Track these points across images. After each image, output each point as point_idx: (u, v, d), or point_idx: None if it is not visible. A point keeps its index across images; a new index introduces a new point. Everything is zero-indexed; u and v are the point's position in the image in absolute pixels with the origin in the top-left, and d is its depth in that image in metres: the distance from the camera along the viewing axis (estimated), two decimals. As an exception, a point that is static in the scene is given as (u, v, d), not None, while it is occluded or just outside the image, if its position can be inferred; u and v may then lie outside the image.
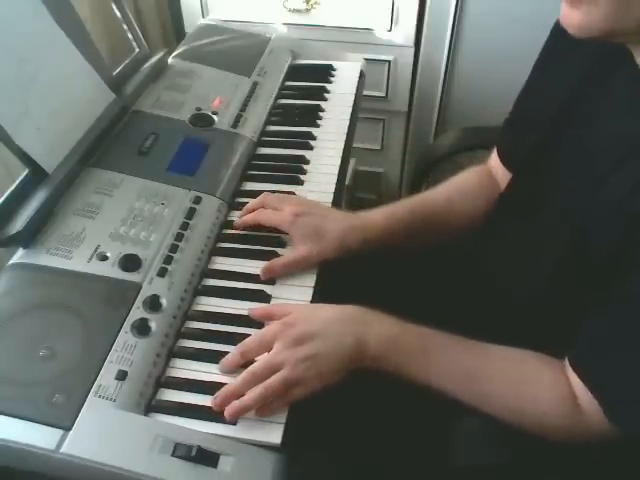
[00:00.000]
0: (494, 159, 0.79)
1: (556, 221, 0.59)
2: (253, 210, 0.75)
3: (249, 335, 0.63)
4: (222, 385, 0.57)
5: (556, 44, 0.66)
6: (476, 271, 0.74)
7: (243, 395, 0.55)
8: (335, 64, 1.09)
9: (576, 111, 0.60)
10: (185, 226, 0.71)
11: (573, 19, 0.48)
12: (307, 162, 0.87)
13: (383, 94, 1.39)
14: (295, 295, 0.67)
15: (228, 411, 0.54)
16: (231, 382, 0.56)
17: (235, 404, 0.54)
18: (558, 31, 0.62)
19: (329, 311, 0.62)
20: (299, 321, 0.60)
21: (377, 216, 0.74)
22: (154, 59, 0.95)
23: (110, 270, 0.65)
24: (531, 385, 0.58)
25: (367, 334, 0.59)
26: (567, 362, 0.56)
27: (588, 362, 0.55)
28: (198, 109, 0.90)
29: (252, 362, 0.59)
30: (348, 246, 0.71)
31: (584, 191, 0.55)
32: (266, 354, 0.58)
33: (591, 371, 0.54)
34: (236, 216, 0.78)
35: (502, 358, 0.60)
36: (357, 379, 0.59)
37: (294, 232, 0.71)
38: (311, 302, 0.67)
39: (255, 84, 0.99)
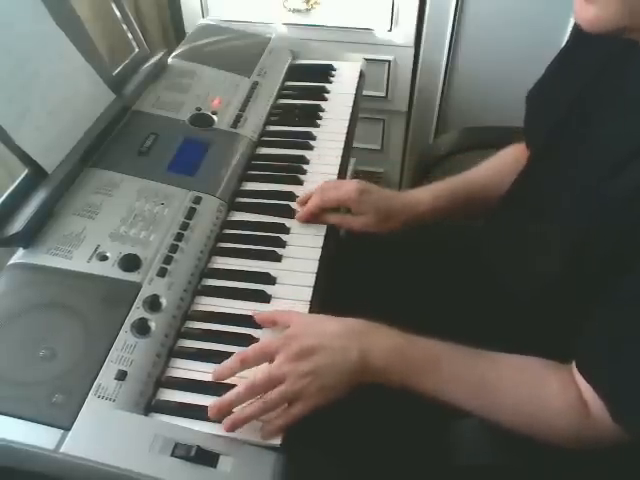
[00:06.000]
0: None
1: (566, 217, 0.59)
2: (307, 200, 0.78)
3: (249, 335, 0.63)
4: (222, 385, 0.57)
5: (577, 37, 0.66)
6: (477, 267, 0.74)
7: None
8: (335, 64, 1.09)
9: (589, 106, 0.59)
10: (185, 226, 0.71)
11: (587, 14, 0.47)
12: (307, 162, 0.87)
13: (383, 94, 1.39)
14: (295, 295, 0.67)
15: (226, 422, 0.54)
16: (228, 393, 0.55)
17: (234, 416, 0.54)
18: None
19: (332, 324, 0.60)
20: (302, 335, 0.58)
21: (425, 195, 0.80)
22: (154, 59, 0.95)
23: (110, 270, 0.65)
24: (540, 393, 0.57)
25: (371, 348, 0.57)
26: (574, 365, 0.56)
27: (593, 364, 0.54)
28: (198, 109, 0.90)
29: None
30: (401, 222, 0.78)
31: (595, 186, 0.54)
32: (266, 364, 0.57)
33: (597, 373, 0.53)
34: (236, 216, 0.78)
35: (510, 367, 0.59)
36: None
37: (358, 207, 0.77)
38: (310, 301, 0.67)
39: (255, 84, 0.99)
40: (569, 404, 0.55)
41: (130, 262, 0.65)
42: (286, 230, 0.76)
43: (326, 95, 1.02)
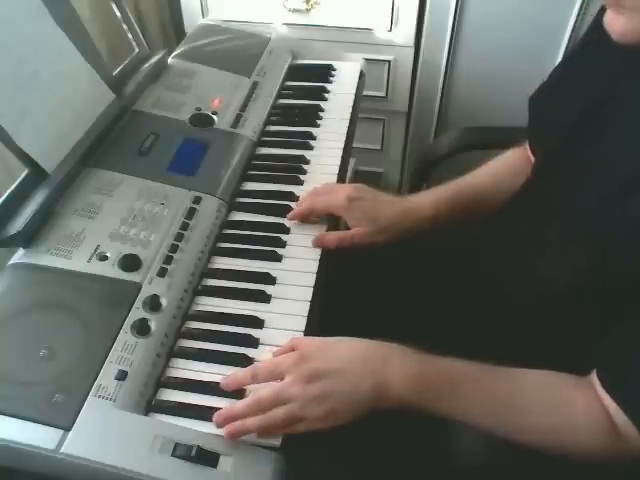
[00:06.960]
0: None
1: (578, 226, 0.57)
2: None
3: (249, 335, 0.63)
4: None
5: (589, 42, 0.65)
6: (478, 271, 0.73)
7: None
8: (335, 64, 1.09)
9: (606, 109, 0.58)
10: (185, 226, 0.71)
11: (617, 24, 0.47)
12: (307, 162, 0.87)
13: (383, 94, 1.39)
14: (295, 295, 0.67)
15: (228, 429, 0.53)
16: (235, 404, 0.55)
17: (236, 425, 0.53)
18: (595, 28, 0.60)
19: (347, 348, 0.58)
20: (315, 356, 0.56)
21: (425, 201, 0.77)
22: (154, 59, 0.95)
23: (110, 270, 0.65)
24: (565, 411, 0.55)
25: (388, 377, 0.55)
26: (596, 382, 0.54)
27: (618, 383, 0.53)
28: (198, 109, 0.90)
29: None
30: (398, 231, 0.74)
31: (609, 198, 0.53)
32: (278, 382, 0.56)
33: (622, 393, 0.52)
34: (236, 216, 0.78)
35: (533, 385, 0.57)
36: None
37: (349, 216, 0.74)
38: (310, 302, 0.67)
39: (255, 84, 0.99)
40: (596, 421, 0.53)
41: (130, 262, 0.65)
42: (286, 230, 0.76)
43: (326, 95, 1.02)
